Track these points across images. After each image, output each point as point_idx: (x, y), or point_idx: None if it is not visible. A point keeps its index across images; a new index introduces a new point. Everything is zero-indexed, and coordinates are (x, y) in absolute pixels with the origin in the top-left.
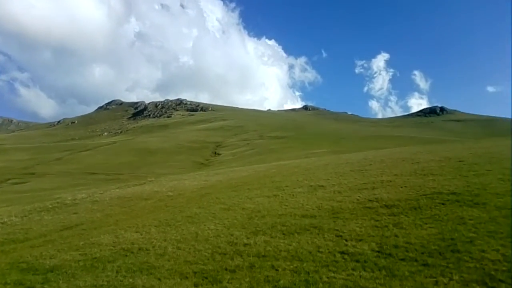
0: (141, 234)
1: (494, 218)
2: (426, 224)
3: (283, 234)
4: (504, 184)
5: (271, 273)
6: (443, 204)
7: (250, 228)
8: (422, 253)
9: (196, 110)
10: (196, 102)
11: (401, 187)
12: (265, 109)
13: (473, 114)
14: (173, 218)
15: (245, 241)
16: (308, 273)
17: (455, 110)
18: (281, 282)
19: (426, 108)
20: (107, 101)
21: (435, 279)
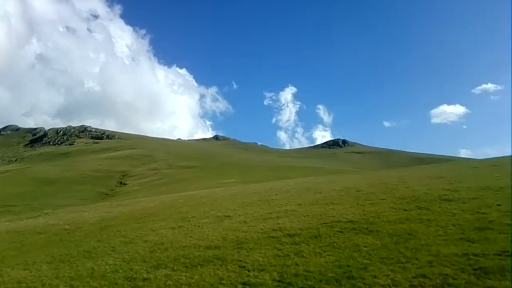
0: (31, 272)
1: (385, 245)
2: (325, 252)
3: (186, 267)
4: (395, 212)
5: None
6: (341, 232)
7: (151, 261)
8: (320, 280)
9: (101, 138)
10: (102, 130)
11: (304, 216)
12: (175, 138)
13: (371, 147)
14: (68, 253)
15: (145, 275)
16: None
17: (355, 143)
18: None
19: (330, 141)
20: (1, 126)
21: None
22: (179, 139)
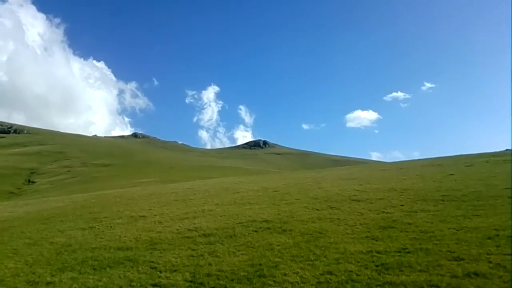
0: None
1: (297, 243)
2: (239, 251)
3: (94, 269)
4: (308, 212)
5: None
6: (256, 231)
7: (56, 264)
8: (232, 280)
9: (8, 132)
10: (9, 123)
11: (220, 216)
12: (91, 135)
13: (290, 148)
14: None
15: (49, 279)
16: None
17: (276, 144)
18: None
19: (251, 141)
20: None
21: None
22: (94, 135)
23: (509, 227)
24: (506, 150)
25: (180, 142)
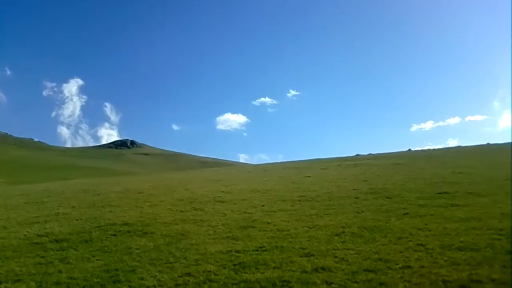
0: None
1: (158, 246)
2: (94, 256)
3: None
4: (172, 214)
5: None
6: (114, 235)
7: None
8: (84, 286)
9: None
10: None
11: (76, 220)
12: None
13: (160, 149)
14: None
15: None
16: None
17: (144, 144)
18: None
19: (118, 141)
20: None
21: None
22: None
23: (353, 225)
24: (357, 155)
25: (36, 140)
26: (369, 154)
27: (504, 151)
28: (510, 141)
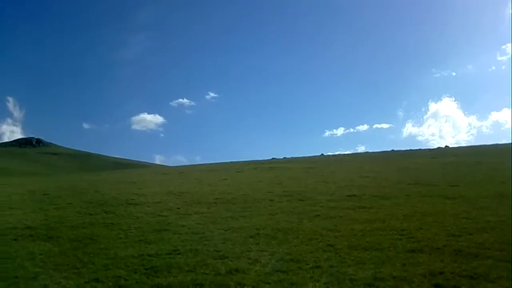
0: None
1: (64, 251)
2: None
3: None
4: (81, 217)
5: None
6: (15, 240)
7: None
8: None
9: None
10: None
11: None
12: None
13: (69, 148)
14: None
15: None
16: None
17: (51, 143)
18: None
19: (22, 139)
20: None
21: None
22: None
23: (267, 226)
24: (272, 158)
25: None
26: (284, 158)
27: (408, 157)
28: (410, 148)
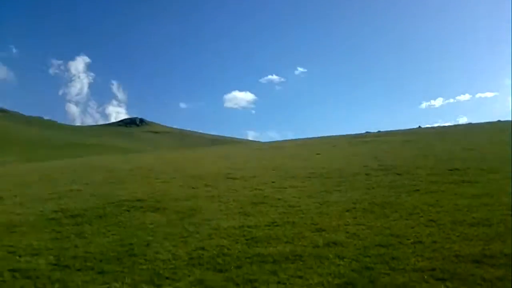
0: None
1: (171, 221)
2: (109, 231)
3: None
4: (183, 190)
5: None
6: (128, 211)
7: None
8: (101, 260)
9: None
10: None
11: (90, 196)
12: None
13: (168, 127)
14: None
15: None
16: None
17: (153, 122)
18: None
19: (127, 119)
20: None
21: (108, 285)
22: None
23: (364, 201)
24: (366, 132)
25: (46, 118)
26: (379, 131)
27: None
28: None
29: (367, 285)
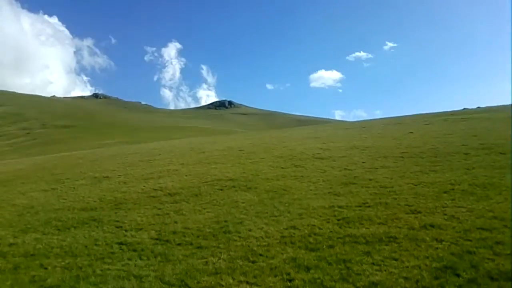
0: None
1: (262, 200)
2: (204, 209)
3: (58, 229)
4: (273, 170)
5: (38, 272)
6: (221, 189)
7: (19, 226)
8: (198, 236)
9: None
10: None
11: (186, 176)
12: (49, 95)
13: (256, 108)
14: None
15: (11, 240)
16: (81, 268)
17: (241, 104)
18: (49, 280)
19: (217, 101)
20: None
21: (205, 260)
22: (53, 96)
23: (463, 182)
24: (464, 109)
25: (143, 103)
26: (478, 107)
27: None
28: None
29: (468, 270)
